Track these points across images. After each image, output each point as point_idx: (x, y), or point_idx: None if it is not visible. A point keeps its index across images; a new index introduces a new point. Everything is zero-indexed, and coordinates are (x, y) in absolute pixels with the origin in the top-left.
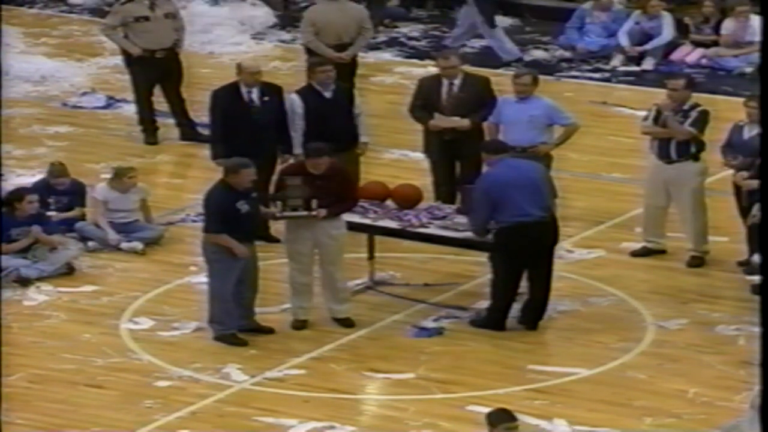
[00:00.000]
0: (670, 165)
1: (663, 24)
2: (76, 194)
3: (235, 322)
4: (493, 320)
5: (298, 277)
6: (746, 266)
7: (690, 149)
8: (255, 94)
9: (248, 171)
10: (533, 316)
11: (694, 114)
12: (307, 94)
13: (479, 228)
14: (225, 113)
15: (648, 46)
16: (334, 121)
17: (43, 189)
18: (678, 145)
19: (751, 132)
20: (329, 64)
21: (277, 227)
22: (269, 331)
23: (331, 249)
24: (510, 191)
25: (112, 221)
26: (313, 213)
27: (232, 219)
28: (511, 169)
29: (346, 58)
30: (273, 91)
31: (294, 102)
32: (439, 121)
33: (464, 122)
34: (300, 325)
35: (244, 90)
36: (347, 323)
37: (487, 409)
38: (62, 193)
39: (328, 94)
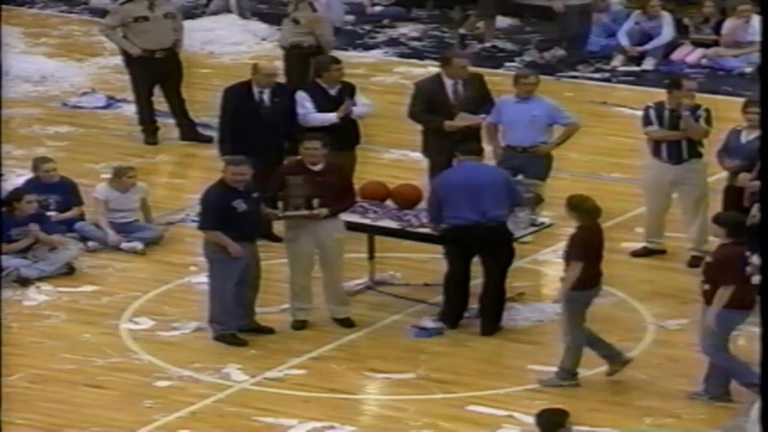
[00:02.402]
0: (679, 165)
1: (663, 24)
2: (70, 192)
3: (235, 322)
4: (446, 315)
5: (297, 278)
6: None
7: (697, 148)
8: (266, 95)
9: (235, 169)
10: (485, 318)
11: (703, 113)
12: (314, 91)
13: (431, 221)
14: (234, 111)
15: (648, 46)
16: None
17: (34, 187)
18: (689, 145)
19: (749, 137)
20: (340, 62)
21: (279, 227)
22: (269, 331)
23: (332, 250)
24: (452, 193)
25: (112, 221)
26: (315, 212)
27: (228, 217)
28: (463, 173)
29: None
30: (284, 93)
31: (304, 99)
32: (460, 120)
33: (480, 119)
34: (300, 325)
35: (256, 90)
36: (347, 323)
37: (487, 410)
38: (55, 190)
39: (333, 92)
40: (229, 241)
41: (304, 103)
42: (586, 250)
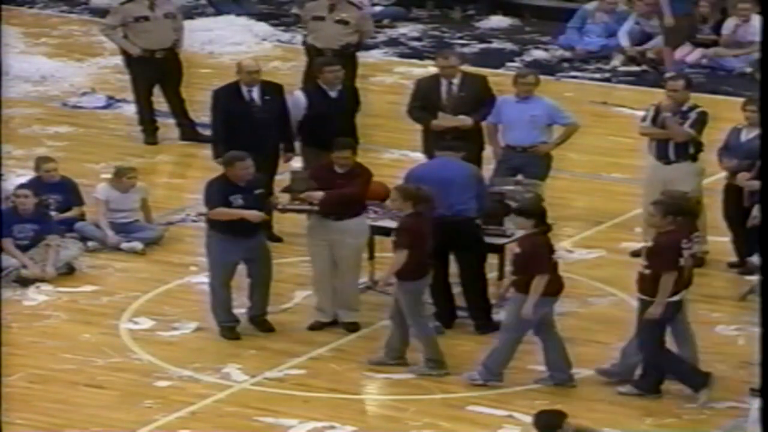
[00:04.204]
0: (668, 166)
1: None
2: (70, 192)
3: (228, 317)
4: (438, 315)
5: (315, 277)
6: (738, 267)
7: (688, 150)
8: (256, 93)
9: (242, 164)
10: (473, 316)
11: (693, 115)
12: (313, 92)
13: None
14: (226, 113)
15: (647, 46)
16: (335, 121)
17: (36, 186)
18: (676, 146)
19: (748, 135)
20: (337, 63)
21: (279, 227)
22: (269, 329)
23: (346, 255)
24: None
25: (112, 221)
26: (315, 208)
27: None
28: (434, 167)
29: None
30: (274, 90)
31: (299, 100)
32: (443, 120)
33: (467, 121)
34: (317, 325)
35: (244, 89)
36: (351, 328)
37: (487, 410)
38: (56, 190)
39: (333, 94)
40: (237, 211)
41: (298, 105)
42: (413, 238)
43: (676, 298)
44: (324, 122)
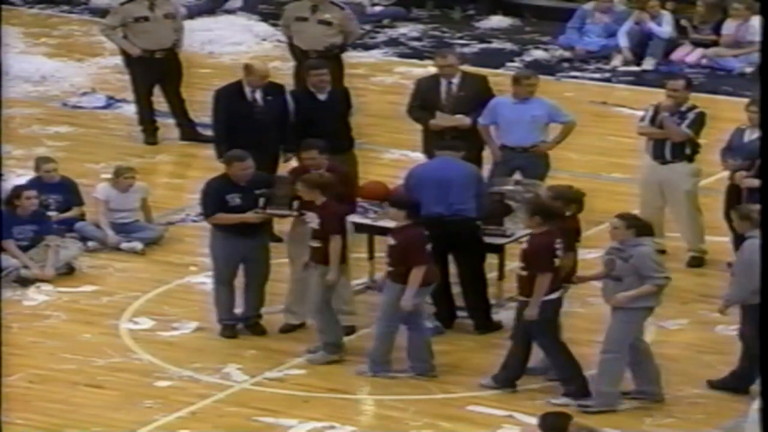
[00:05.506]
0: (665, 166)
1: (663, 22)
2: (70, 192)
3: (230, 315)
4: (438, 316)
5: (293, 279)
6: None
7: (684, 151)
8: (258, 94)
9: (240, 164)
10: (472, 316)
11: (691, 116)
12: (301, 95)
13: None
14: (228, 113)
15: (649, 25)
16: (326, 124)
17: (36, 186)
18: (673, 147)
19: (751, 136)
20: (324, 67)
21: (280, 227)
22: (261, 332)
23: None
24: (420, 186)
25: (112, 221)
26: (294, 213)
27: (220, 209)
28: (434, 166)
29: None
30: (276, 91)
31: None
32: (441, 120)
33: (466, 120)
34: (288, 328)
35: (248, 90)
36: (348, 331)
37: (487, 410)
38: (56, 190)
39: (322, 97)
40: (237, 216)
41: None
42: (340, 223)
43: (554, 296)
44: (314, 125)
